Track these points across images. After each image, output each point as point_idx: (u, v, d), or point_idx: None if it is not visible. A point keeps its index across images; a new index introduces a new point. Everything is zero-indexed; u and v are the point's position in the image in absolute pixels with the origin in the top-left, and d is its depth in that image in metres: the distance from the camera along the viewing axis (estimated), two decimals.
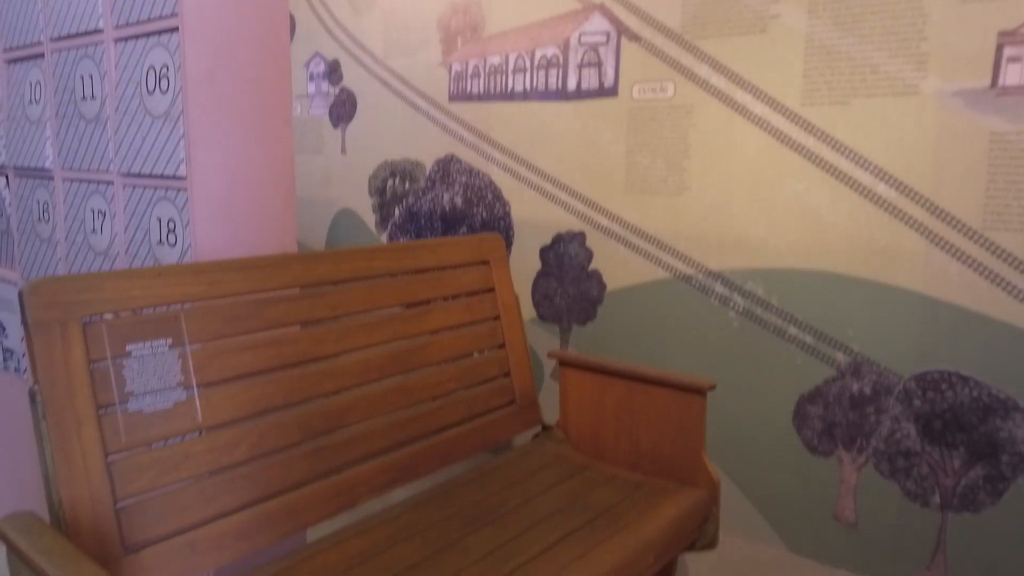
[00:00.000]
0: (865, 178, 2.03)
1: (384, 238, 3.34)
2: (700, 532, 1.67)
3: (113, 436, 1.20)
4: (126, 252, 1.78)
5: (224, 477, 1.32)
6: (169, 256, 1.67)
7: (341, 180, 3.50)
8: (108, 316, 1.24)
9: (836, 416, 2.14)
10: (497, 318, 1.90)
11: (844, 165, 2.06)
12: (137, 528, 1.20)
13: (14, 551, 1.02)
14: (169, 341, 1.29)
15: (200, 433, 1.31)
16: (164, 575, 1.21)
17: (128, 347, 1.24)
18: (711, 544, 1.69)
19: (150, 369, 1.25)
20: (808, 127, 2.11)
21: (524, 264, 2.82)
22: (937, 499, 1.99)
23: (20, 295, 1.16)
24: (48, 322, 1.16)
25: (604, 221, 2.57)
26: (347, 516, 2.07)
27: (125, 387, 1.22)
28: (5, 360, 2.28)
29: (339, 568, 1.35)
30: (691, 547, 1.69)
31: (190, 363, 1.31)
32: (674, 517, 1.58)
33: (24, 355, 2.19)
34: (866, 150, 2.03)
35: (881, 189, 2.01)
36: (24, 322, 1.16)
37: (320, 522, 1.44)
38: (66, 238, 1.96)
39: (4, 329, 2.26)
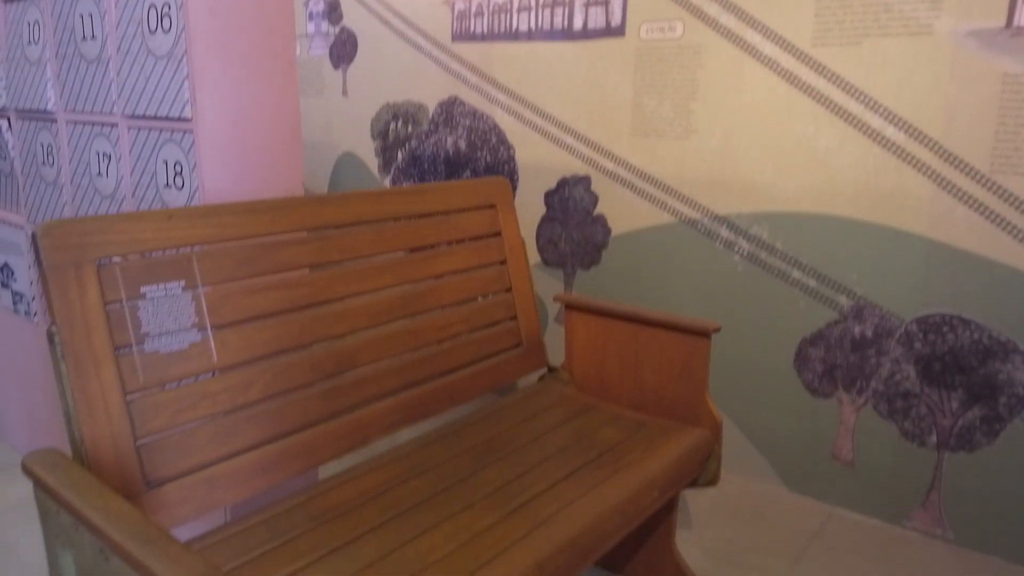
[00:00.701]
0: (874, 121, 2.01)
1: (387, 182, 3.33)
2: (702, 469, 1.71)
3: (131, 376, 1.22)
4: (133, 195, 1.78)
5: (240, 416, 1.35)
6: (177, 199, 1.67)
7: (343, 123, 3.47)
8: (117, 259, 1.25)
9: (837, 358, 2.17)
10: (504, 262, 1.91)
11: (854, 107, 2.04)
12: (158, 464, 1.23)
13: (41, 486, 1.05)
14: (182, 283, 1.30)
15: (215, 374, 1.34)
16: (185, 509, 1.25)
17: (142, 289, 1.25)
18: (713, 481, 1.73)
19: (165, 311, 1.27)
20: (818, 68, 2.08)
21: (529, 209, 2.82)
22: (934, 439, 2.04)
23: (34, 237, 1.17)
24: (62, 264, 1.17)
25: (610, 165, 2.55)
26: (359, 455, 2.12)
27: (141, 328, 1.24)
28: (15, 304, 2.30)
29: (353, 503, 1.39)
30: (693, 484, 1.73)
31: (204, 305, 1.32)
32: (678, 455, 1.62)
33: (33, 299, 2.21)
34: (876, 92, 2.00)
35: (890, 132, 1.99)
36: (38, 264, 1.17)
37: (334, 459, 1.48)
38: (71, 181, 1.95)
39: (12, 273, 2.28)
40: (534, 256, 2.84)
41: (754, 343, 2.33)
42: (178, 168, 1.66)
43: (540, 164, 2.75)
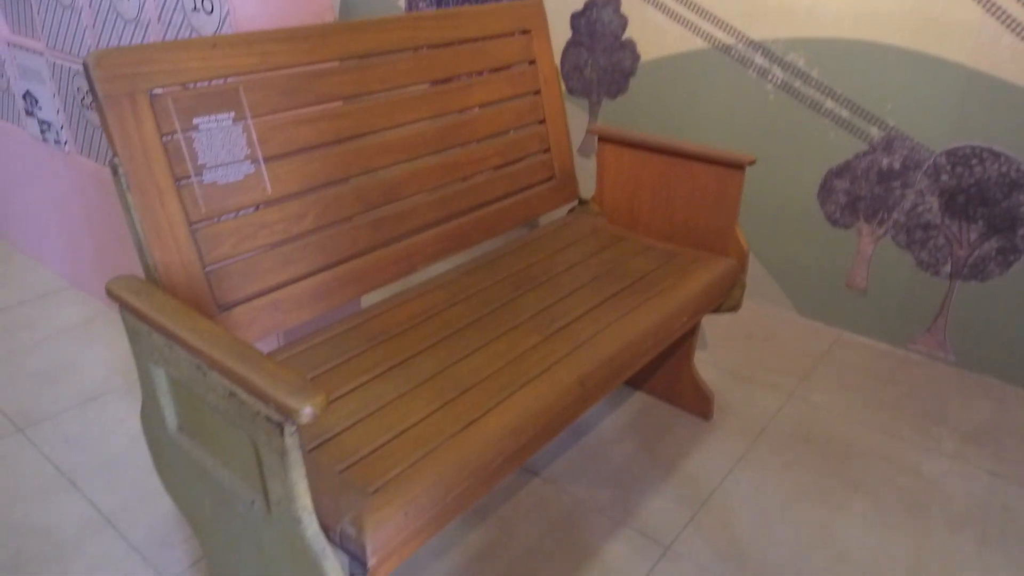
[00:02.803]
0: None
1: (402, 4, 3.18)
2: (727, 296, 1.80)
3: (193, 206, 1.27)
4: (159, 20, 1.73)
5: (297, 245, 1.41)
6: (207, 25, 1.63)
7: None
8: (159, 90, 1.24)
9: (862, 190, 2.20)
10: (538, 92, 1.89)
11: None
12: (226, 289, 1.31)
13: (129, 309, 1.12)
14: (232, 114, 1.31)
15: (262, 207, 1.38)
16: (254, 329, 1.34)
17: (195, 120, 1.26)
18: (735, 307, 1.83)
19: (218, 142, 1.29)
20: None
21: (553, 32, 2.72)
22: (948, 269, 2.12)
23: (85, 67, 1.16)
24: (117, 94, 1.18)
25: None
26: (402, 284, 2.22)
27: (198, 160, 1.27)
28: (43, 133, 2.29)
29: (404, 325, 1.49)
30: (716, 309, 1.83)
31: (254, 136, 1.34)
32: (706, 283, 1.70)
33: (62, 127, 2.20)
34: None
35: None
36: (93, 95, 1.18)
37: (386, 284, 1.56)
38: (90, 4, 1.88)
39: (36, 101, 2.25)
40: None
41: (779, 174, 2.35)
42: None
43: None
